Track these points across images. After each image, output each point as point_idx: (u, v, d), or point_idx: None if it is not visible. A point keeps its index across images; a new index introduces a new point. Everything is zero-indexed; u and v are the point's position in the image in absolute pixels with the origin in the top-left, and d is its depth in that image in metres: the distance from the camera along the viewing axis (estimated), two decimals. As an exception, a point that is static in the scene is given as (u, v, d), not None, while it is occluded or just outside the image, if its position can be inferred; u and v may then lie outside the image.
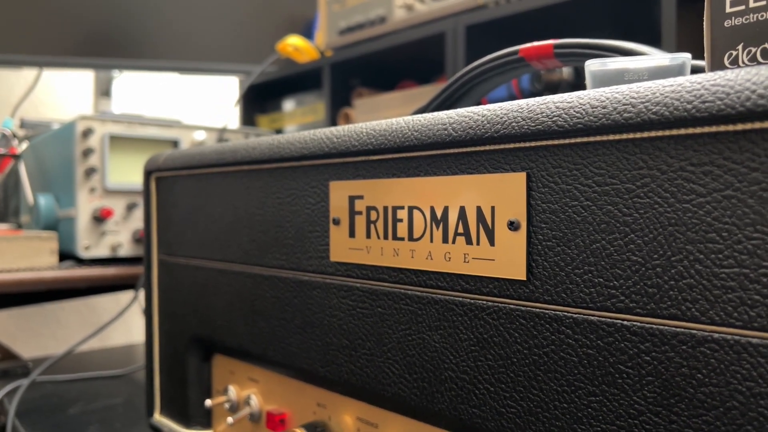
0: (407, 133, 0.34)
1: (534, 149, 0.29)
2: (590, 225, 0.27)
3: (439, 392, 0.33)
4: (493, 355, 0.31)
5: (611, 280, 0.26)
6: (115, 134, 0.93)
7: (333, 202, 0.39)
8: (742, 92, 0.22)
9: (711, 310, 0.23)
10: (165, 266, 0.56)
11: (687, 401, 0.24)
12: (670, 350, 0.24)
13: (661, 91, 0.24)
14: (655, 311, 0.25)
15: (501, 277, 0.30)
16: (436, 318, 0.33)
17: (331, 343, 0.39)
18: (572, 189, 0.27)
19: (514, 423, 0.30)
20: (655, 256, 0.25)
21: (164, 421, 0.57)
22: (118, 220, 0.93)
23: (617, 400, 0.26)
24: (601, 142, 0.26)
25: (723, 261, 0.23)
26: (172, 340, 0.56)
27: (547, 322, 0.28)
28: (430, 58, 0.97)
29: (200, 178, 0.51)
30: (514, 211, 0.30)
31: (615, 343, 0.26)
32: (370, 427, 0.39)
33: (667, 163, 0.24)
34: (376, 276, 0.37)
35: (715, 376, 0.23)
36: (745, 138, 0.22)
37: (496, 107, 0.30)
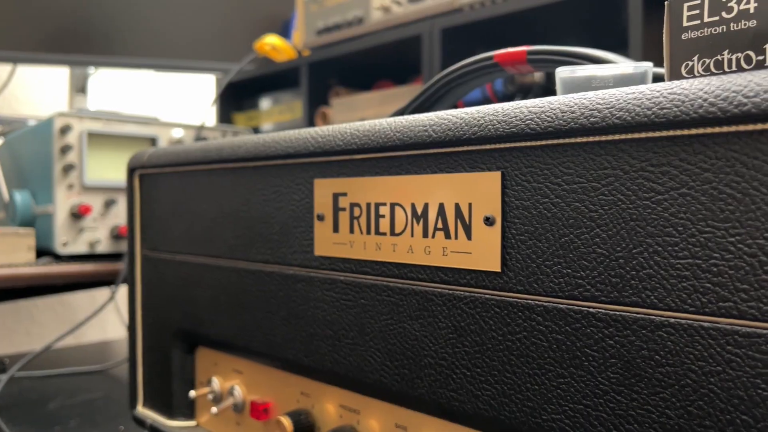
0: (389, 134, 0.36)
1: (508, 150, 0.31)
2: (559, 220, 0.29)
3: (419, 378, 0.35)
4: (470, 342, 0.33)
5: (578, 271, 0.28)
6: (93, 131, 0.94)
7: (317, 198, 0.41)
8: (695, 100, 0.24)
9: (668, 297, 0.26)
10: (149, 261, 0.57)
11: (646, 381, 0.26)
12: (632, 335, 0.27)
13: (624, 98, 0.26)
14: (618, 299, 0.27)
15: (477, 269, 0.32)
16: (416, 308, 0.35)
17: (315, 334, 0.41)
18: (543, 187, 0.30)
19: (489, 405, 0.32)
20: (618, 248, 0.27)
21: (147, 412, 0.58)
22: (96, 216, 0.94)
23: (584, 381, 0.28)
24: (570, 144, 0.29)
25: (678, 253, 0.25)
26: (156, 333, 0.57)
27: (519, 311, 0.31)
28: (406, 59, 0.99)
29: (185, 175, 0.53)
30: (489, 207, 0.32)
31: (582, 329, 0.28)
32: (353, 414, 0.41)
33: (629, 163, 0.27)
34: (359, 269, 0.38)
35: (672, 357, 0.26)
36: (698, 142, 0.25)
37: (473, 111, 0.32)
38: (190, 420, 0.56)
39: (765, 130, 0.23)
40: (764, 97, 0.23)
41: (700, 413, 0.25)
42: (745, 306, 0.24)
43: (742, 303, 0.24)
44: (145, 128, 0.99)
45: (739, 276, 0.24)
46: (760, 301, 0.23)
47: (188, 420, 0.56)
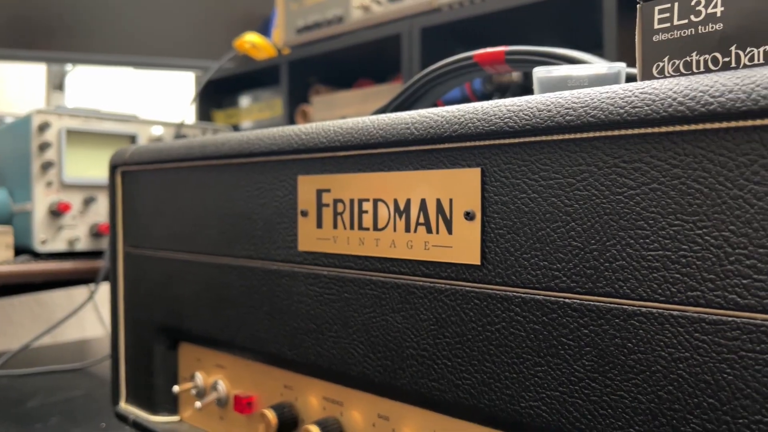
0: (372, 132, 0.37)
1: (488, 147, 0.32)
2: (536, 215, 0.30)
3: (401, 369, 0.36)
4: (451, 333, 0.34)
5: (555, 263, 0.30)
6: (72, 128, 0.93)
7: (301, 195, 0.42)
8: (665, 100, 0.26)
9: (639, 288, 0.27)
10: (131, 258, 0.58)
11: (619, 367, 0.28)
12: (605, 323, 0.28)
13: (598, 97, 0.28)
14: (593, 290, 0.28)
15: (458, 262, 0.33)
16: (398, 301, 0.36)
17: (299, 328, 0.42)
18: (521, 183, 0.31)
19: (469, 393, 0.33)
20: (593, 241, 0.28)
21: (130, 408, 0.58)
22: (76, 214, 0.93)
23: (560, 369, 0.30)
24: (547, 141, 0.30)
25: (649, 245, 0.27)
26: (138, 329, 0.57)
27: (498, 302, 0.32)
28: (386, 58, 1.00)
29: (168, 172, 0.53)
30: (469, 203, 0.33)
31: (558, 319, 0.30)
32: (336, 405, 0.42)
33: (602, 160, 0.28)
34: (343, 264, 0.39)
35: (643, 344, 0.27)
36: (668, 139, 0.26)
37: (453, 109, 0.33)
38: (173, 415, 0.56)
39: (730, 129, 0.24)
40: (729, 97, 0.24)
41: (669, 397, 0.26)
42: (712, 295, 0.25)
43: (708, 292, 0.25)
44: (125, 126, 0.98)
45: (706, 266, 0.25)
46: (725, 290, 0.25)
47: (171, 415, 0.56)
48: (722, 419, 0.25)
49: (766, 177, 0.24)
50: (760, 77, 0.23)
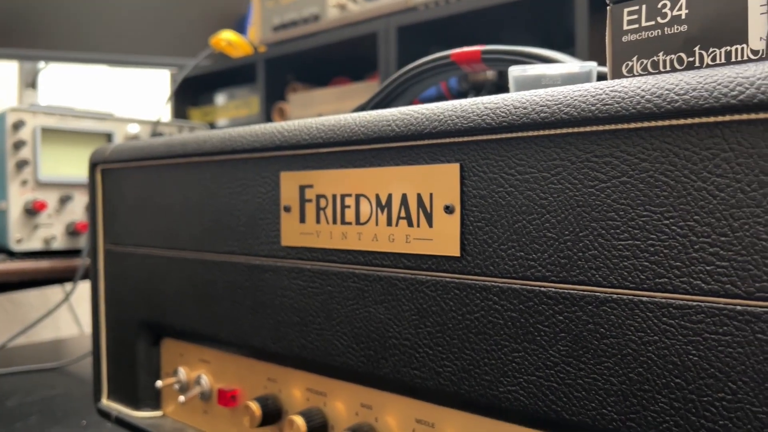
0: (354, 128, 0.38)
1: (466, 144, 0.33)
2: (513, 208, 0.32)
3: (384, 358, 0.37)
4: (432, 323, 0.35)
5: (530, 254, 0.31)
6: (47, 127, 0.93)
7: (284, 191, 0.42)
8: (634, 97, 0.27)
9: (611, 276, 0.29)
10: (111, 255, 0.58)
11: (592, 352, 0.29)
12: (579, 310, 0.29)
13: (571, 95, 0.29)
14: (567, 278, 0.30)
15: (438, 254, 0.35)
16: (380, 293, 0.37)
17: (283, 321, 0.43)
18: (498, 177, 0.32)
19: (450, 380, 0.34)
20: (566, 232, 0.30)
21: (112, 405, 0.59)
22: (51, 213, 0.93)
23: (536, 354, 0.31)
24: (523, 137, 0.31)
25: (620, 235, 0.28)
26: (120, 326, 0.58)
27: (477, 292, 0.33)
28: (362, 56, 1.01)
29: (149, 170, 0.53)
30: (449, 197, 0.34)
31: (534, 307, 0.31)
32: (319, 396, 0.43)
33: (575, 155, 0.29)
34: (326, 257, 0.40)
35: (614, 329, 0.28)
36: (636, 135, 0.28)
37: (433, 107, 0.35)
38: (156, 410, 0.57)
39: (694, 125, 0.26)
40: (693, 95, 0.25)
41: (639, 379, 0.28)
42: (678, 281, 0.27)
43: (675, 279, 0.27)
44: (101, 124, 0.98)
45: (673, 254, 0.27)
46: (690, 277, 0.26)
47: (154, 410, 0.57)
48: (688, 398, 0.27)
49: (727, 170, 0.25)
50: (721, 76, 0.25)
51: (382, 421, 0.40)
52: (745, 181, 0.25)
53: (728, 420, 0.26)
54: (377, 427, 0.40)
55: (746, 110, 0.24)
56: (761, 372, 0.25)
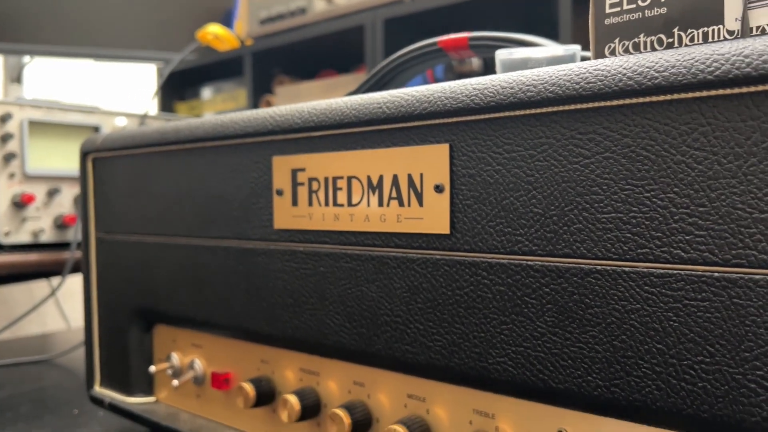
0: (346, 112, 0.39)
1: (455, 124, 0.34)
2: (501, 185, 0.33)
3: (376, 335, 0.38)
4: (422, 299, 0.36)
5: (518, 229, 0.32)
6: (35, 120, 0.93)
7: (276, 175, 0.43)
8: (616, 75, 0.28)
9: (595, 248, 0.30)
10: (103, 244, 0.59)
11: (578, 321, 0.30)
12: (565, 282, 0.31)
13: (556, 75, 0.30)
14: (553, 251, 0.31)
15: (428, 232, 0.36)
16: (372, 272, 0.38)
17: (276, 303, 0.44)
18: (486, 156, 0.33)
19: (440, 354, 0.35)
20: (552, 207, 0.31)
21: (105, 392, 0.59)
22: (39, 206, 0.93)
23: (524, 326, 0.32)
24: (510, 117, 0.32)
25: (603, 208, 0.29)
26: (112, 313, 0.58)
27: (466, 267, 0.34)
28: (349, 48, 1.02)
29: (141, 157, 0.54)
30: (439, 176, 0.35)
31: (521, 280, 0.32)
32: (312, 376, 0.44)
33: (560, 132, 0.31)
34: (318, 239, 0.41)
35: (599, 299, 0.30)
36: (619, 111, 0.29)
37: (423, 89, 0.36)
38: (149, 396, 0.57)
39: (673, 101, 0.27)
40: (672, 72, 0.27)
41: (623, 345, 0.29)
42: (659, 251, 0.28)
43: (656, 249, 0.28)
44: (88, 117, 0.98)
45: (654, 225, 0.28)
46: (670, 246, 0.28)
47: (147, 396, 0.57)
48: (669, 362, 0.28)
49: (704, 143, 0.27)
50: (698, 54, 0.26)
51: (374, 397, 0.41)
52: (721, 154, 0.26)
53: (706, 382, 0.27)
54: (370, 403, 0.41)
55: (722, 85, 0.26)
56: (737, 335, 0.26)
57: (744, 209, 0.26)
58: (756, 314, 0.25)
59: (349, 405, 0.40)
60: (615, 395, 0.29)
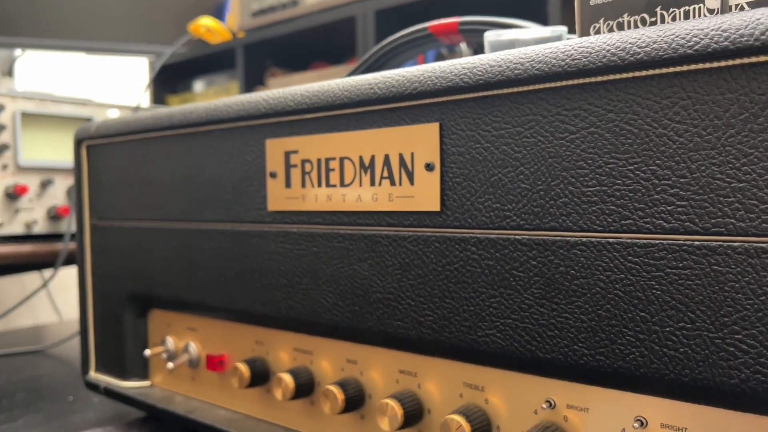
0: (338, 93, 0.39)
1: (445, 103, 0.35)
2: (490, 162, 0.34)
3: (369, 312, 0.39)
4: (414, 275, 0.37)
5: (506, 205, 0.33)
6: (27, 111, 0.93)
7: (269, 158, 0.44)
8: (600, 51, 0.29)
9: (580, 221, 0.31)
10: (98, 230, 0.59)
11: (564, 292, 0.31)
12: (551, 254, 0.32)
13: (543, 52, 0.31)
14: (540, 225, 0.32)
15: (419, 210, 0.37)
16: (365, 250, 0.39)
17: (270, 284, 0.45)
18: (475, 134, 0.34)
19: (431, 329, 0.36)
20: (539, 182, 0.32)
21: (101, 377, 0.60)
22: (32, 197, 0.93)
23: (512, 298, 0.33)
24: (498, 95, 0.33)
25: (588, 182, 0.30)
26: (107, 299, 0.59)
27: (456, 243, 0.35)
28: (341, 40, 1.03)
29: (135, 144, 0.55)
30: (429, 155, 0.36)
31: (509, 254, 0.33)
32: (306, 355, 0.45)
33: (547, 109, 0.31)
34: (311, 220, 0.42)
35: (584, 270, 0.31)
36: (603, 87, 0.30)
37: (413, 69, 0.36)
38: (144, 380, 0.58)
39: (655, 75, 0.28)
40: (653, 47, 0.28)
41: (607, 314, 0.30)
42: (642, 222, 0.29)
43: (639, 220, 0.29)
44: (80, 109, 0.98)
45: (637, 197, 0.29)
46: (653, 217, 0.28)
47: (142, 381, 0.58)
48: (652, 329, 0.29)
49: (685, 117, 0.28)
50: (678, 29, 0.27)
51: (367, 374, 0.42)
52: (701, 126, 0.27)
53: (687, 347, 0.28)
54: (362, 380, 0.42)
55: (701, 60, 0.27)
56: (717, 301, 0.27)
57: (723, 179, 0.27)
58: (734, 280, 0.26)
59: (343, 382, 0.41)
60: (600, 363, 0.30)
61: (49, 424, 0.60)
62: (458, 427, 0.34)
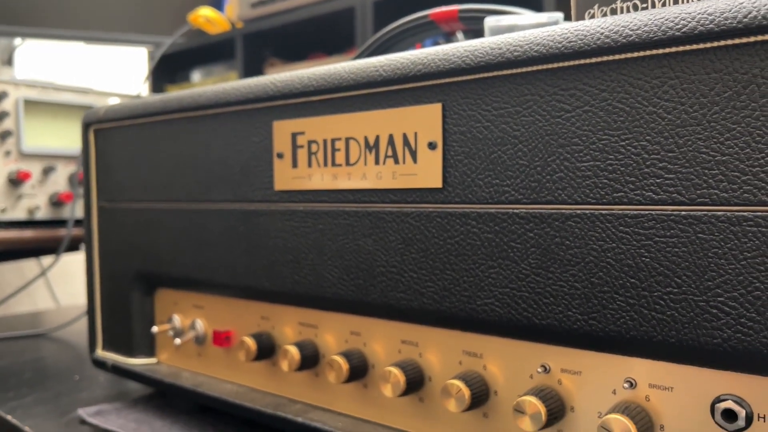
0: (344, 76, 0.41)
1: (447, 84, 0.37)
2: (490, 140, 0.36)
3: (373, 285, 0.41)
4: (416, 249, 0.39)
5: (505, 180, 0.35)
6: (30, 98, 0.94)
7: (276, 139, 0.46)
8: (594, 34, 0.31)
9: (575, 194, 0.33)
10: (105, 212, 0.61)
11: (559, 262, 0.33)
12: (547, 226, 0.34)
13: (540, 35, 0.33)
14: (537, 199, 0.34)
15: (422, 187, 0.38)
16: (369, 227, 0.41)
17: (277, 261, 0.46)
18: (476, 114, 0.36)
19: (432, 299, 0.38)
20: (536, 159, 0.34)
21: (108, 354, 0.61)
22: (35, 183, 0.95)
23: (510, 269, 0.35)
24: (498, 76, 0.35)
25: (583, 157, 0.32)
26: (115, 279, 0.60)
27: (457, 218, 0.37)
28: (339, 31, 1.04)
29: (143, 127, 0.56)
30: (432, 134, 0.38)
31: (508, 227, 0.35)
32: (311, 329, 0.47)
33: (544, 89, 0.33)
34: (317, 198, 0.44)
35: (578, 240, 0.33)
36: (597, 68, 0.32)
37: (417, 52, 0.38)
38: (150, 357, 0.60)
39: (645, 56, 0.30)
40: (644, 30, 0.30)
41: (600, 281, 0.32)
42: (633, 194, 0.31)
43: (630, 192, 0.31)
44: (82, 97, 1.00)
45: (628, 171, 0.31)
46: (643, 189, 0.30)
47: (149, 357, 0.60)
48: (641, 294, 0.31)
49: (673, 95, 0.29)
50: (667, 13, 0.29)
51: (370, 345, 0.43)
52: (688, 104, 0.29)
53: (674, 310, 0.30)
54: (366, 351, 0.44)
55: (689, 41, 0.29)
56: (701, 266, 0.29)
57: (708, 153, 0.29)
58: (718, 247, 0.28)
59: (347, 352, 0.43)
60: (593, 327, 0.32)
61: (58, 400, 0.61)
62: (458, 391, 0.36)
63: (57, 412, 0.58)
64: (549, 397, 0.34)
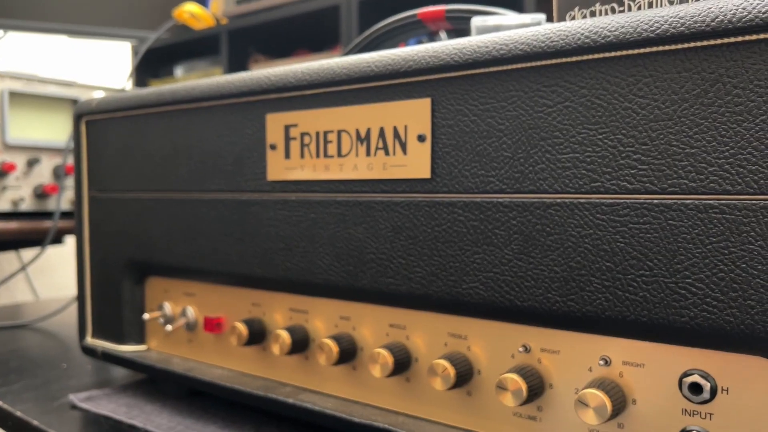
0: (337, 71, 0.43)
1: (436, 80, 0.39)
2: (476, 133, 0.38)
3: (362, 271, 0.43)
4: (405, 237, 0.41)
5: (490, 171, 0.37)
6: (15, 90, 0.94)
7: (269, 131, 0.47)
8: (575, 34, 0.33)
9: (555, 184, 0.35)
10: (96, 202, 0.62)
11: (540, 247, 0.36)
12: (529, 214, 0.36)
13: (525, 35, 0.35)
14: (519, 189, 0.36)
15: (411, 177, 0.40)
16: (360, 216, 0.43)
17: (269, 249, 0.48)
18: (463, 108, 0.38)
19: (420, 284, 0.40)
20: (519, 151, 0.36)
21: (98, 342, 0.63)
22: (19, 175, 0.95)
23: (493, 254, 0.37)
24: (485, 73, 0.37)
25: (563, 150, 0.35)
26: (105, 268, 0.61)
27: (444, 207, 0.39)
28: (324, 28, 1.06)
29: (136, 119, 0.58)
30: (421, 127, 0.40)
31: (492, 215, 0.37)
32: (301, 314, 0.49)
33: (527, 86, 0.36)
34: (309, 188, 0.46)
35: (558, 227, 0.35)
36: (577, 66, 0.34)
37: (408, 49, 0.40)
38: (140, 344, 0.61)
39: (622, 56, 0.32)
40: (621, 31, 0.32)
41: (577, 265, 0.34)
42: (609, 184, 0.33)
43: (606, 182, 0.33)
44: (67, 90, 1.00)
45: (605, 162, 0.33)
46: (618, 180, 0.33)
47: (139, 345, 0.61)
48: (616, 277, 0.33)
49: (647, 92, 0.32)
50: (642, 16, 0.32)
51: (359, 330, 0.45)
52: (660, 100, 0.31)
53: (646, 291, 0.32)
54: (355, 335, 0.46)
55: (661, 42, 0.31)
56: (671, 250, 0.31)
57: (678, 146, 0.31)
58: (686, 232, 0.31)
59: (336, 336, 0.45)
60: (571, 308, 0.35)
61: (47, 387, 0.62)
62: (444, 370, 0.39)
63: (47, 398, 0.59)
64: (529, 374, 0.37)
